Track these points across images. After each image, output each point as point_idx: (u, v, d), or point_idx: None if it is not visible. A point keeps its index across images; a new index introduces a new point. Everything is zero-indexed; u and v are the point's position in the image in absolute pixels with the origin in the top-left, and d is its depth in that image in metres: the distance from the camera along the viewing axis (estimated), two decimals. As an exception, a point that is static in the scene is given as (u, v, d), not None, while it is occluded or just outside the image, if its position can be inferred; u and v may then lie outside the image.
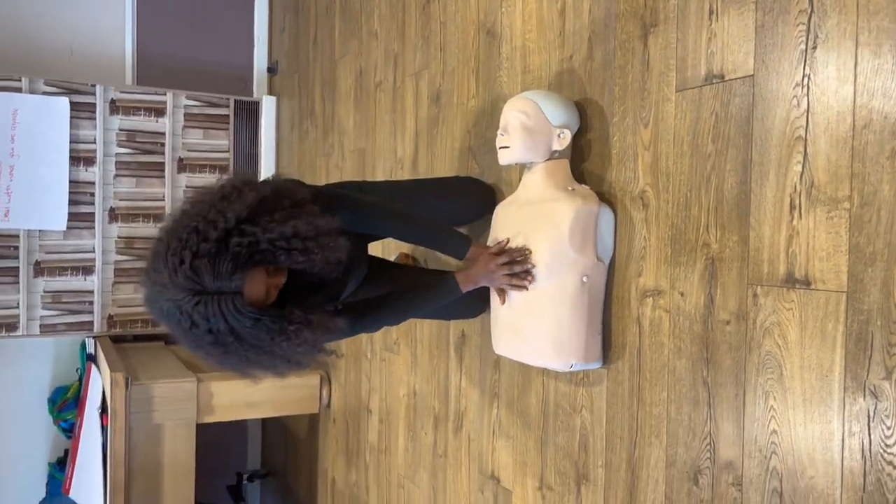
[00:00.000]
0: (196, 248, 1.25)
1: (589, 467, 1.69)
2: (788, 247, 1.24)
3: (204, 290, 1.25)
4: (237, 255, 1.26)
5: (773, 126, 1.27)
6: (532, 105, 1.66)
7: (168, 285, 1.26)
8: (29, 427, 3.75)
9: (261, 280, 1.33)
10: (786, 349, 1.25)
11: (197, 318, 1.26)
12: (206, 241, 1.25)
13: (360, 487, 2.96)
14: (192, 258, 1.24)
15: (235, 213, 1.29)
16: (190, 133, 3.86)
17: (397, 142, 2.65)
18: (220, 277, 1.25)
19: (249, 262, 1.28)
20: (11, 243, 3.51)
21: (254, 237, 1.28)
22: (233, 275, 1.26)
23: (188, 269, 1.24)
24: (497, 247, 1.70)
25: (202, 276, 1.24)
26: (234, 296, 1.27)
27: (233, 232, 1.27)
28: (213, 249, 1.25)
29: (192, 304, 1.25)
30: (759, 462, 1.29)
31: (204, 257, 1.24)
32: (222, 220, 1.27)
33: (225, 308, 1.26)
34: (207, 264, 1.24)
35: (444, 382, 2.33)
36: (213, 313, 1.25)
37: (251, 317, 1.29)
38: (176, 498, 2.95)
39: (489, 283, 1.69)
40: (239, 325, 1.28)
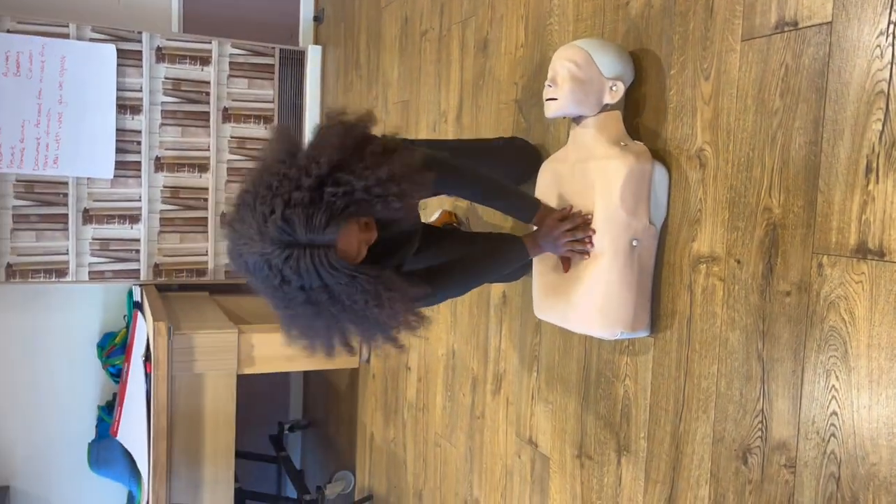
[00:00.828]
0: (288, 196, 1.15)
1: (630, 438, 1.62)
2: (861, 214, 1.13)
3: (296, 242, 1.16)
4: (331, 206, 1.16)
5: (850, 79, 1.14)
6: (583, 54, 1.54)
7: (255, 237, 1.18)
8: (79, 371, 3.84)
9: (354, 234, 1.23)
10: (852, 325, 1.14)
11: (288, 272, 1.17)
12: (298, 190, 1.16)
13: (398, 444, 2.95)
14: (283, 207, 1.15)
15: (328, 158, 1.19)
16: (235, 82, 3.81)
17: (441, 94, 2.55)
18: (313, 229, 1.15)
19: (344, 213, 1.18)
20: (61, 190, 3.54)
21: (349, 186, 1.18)
22: (327, 227, 1.16)
23: (279, 220, 1.15)
24: (562, 212, 1.61)
25: (295, 227, 1.15)
26: (327, 249, 1.17)
27: (327, 180, 1.18)
28: (306, 198, 1.15)
29: (283, 258, 1.17)
30: (816, 444, 1.20)
31: (297, 206, 1.15)
32: (315, 166, 1.18)
33: (318, 262, 1.16)
34: (301, 214, 1.15)
35: (483, 344, 2.27)
36: (306, 268, 1.16)
37: (347, 273, 1.19)
38: (217, 446, 2.99)
39: (553, 249, 1.61)
40: (333, 281, 1.18)
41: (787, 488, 1.25)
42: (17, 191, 3.46)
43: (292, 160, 1.21)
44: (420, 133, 2.72)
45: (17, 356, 3.74)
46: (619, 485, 1.66)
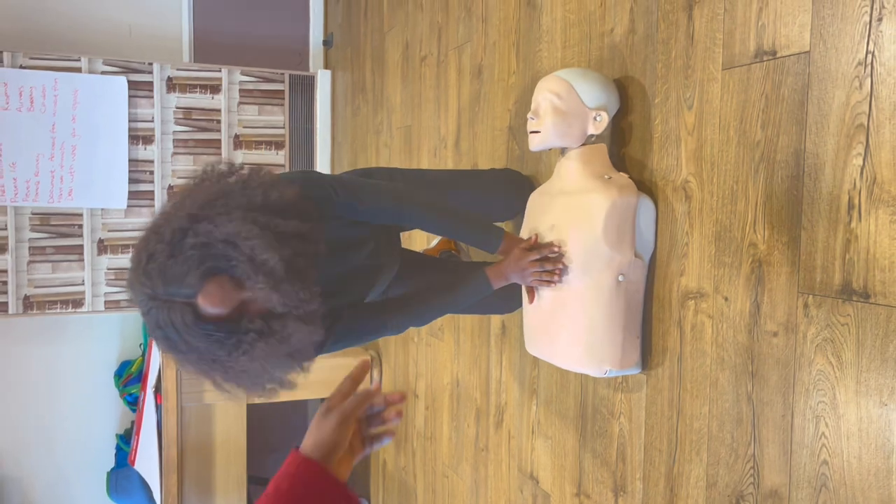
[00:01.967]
0: (152, 249, 1.13)
1: (626, 478, 1.57)
2: (845, 253, 1.07)
3: (156, 295, 1.13)
4: (189, 259, 1.11)
5: (830, 111, 1.09)
6: (565, 85, 1.50)
7: (131, 287, 1.16)
8: (97, 400, 3.87)
9: (224, 292, 1.14)
10: (840, 369, 1.08)
11: (152, 323, 1.15)
12: (160, 242, 1.13)
13: (409, 472, 2.92)
14: (146, 261, 1.13)
15: (189, 209, 1.16)
16: (245, 109, 3.84)
17: (441, 120, 2.52)
18: (170, 283, 1.11)
19: (202, 268, 1.12)
20: (76, 222, 3.59)
21: (207, 237, 1.12)
22: (183, 280, 1.11)
23: (142, 273, 1.13)
24: (528, 242, 1.56)
25: (153, 280, 1.12)
26: (184, 305, 1.12)
27: (188, 231, 1.13)
28: (166, 251, 1.12)
29: (147, 310, 1.15)
30: (808, 494, 1.14)
31: (156, 260, 1.12)
32: (177, 217, 1.15)
33: (174, 317, 1.12)
34: (159, 267, 1.12)
35: (485, 374, 2.23)
36: (164, 322, 1.13)
37: (201, 332, 1.13)
38: (228, 476, 2.98)
39: (520, 280, 1.56)
40: (191, 338, 1.14)
41: (780, 539, 1.19)
42: (33, 223, 3.52)
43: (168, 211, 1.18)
44: (422, 158, 2.70)
45: (36, 386, 3.79)
46: (616, 526, 1.60)
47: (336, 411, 0.90)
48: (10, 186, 3.42)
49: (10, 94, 3.39)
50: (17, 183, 3.44)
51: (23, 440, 3.78)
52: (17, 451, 3.78)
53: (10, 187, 3.42)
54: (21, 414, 3.77)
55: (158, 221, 1.19)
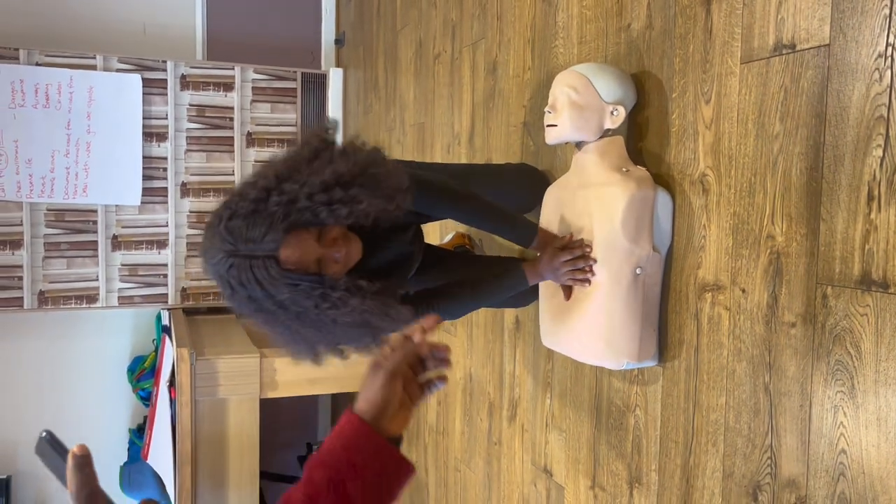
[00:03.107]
0: (234, 207, 1.18)
1: (642, 470, 1.58)
2: (864, 243, 1.08)
3: (237, 251, 1.17)
4: (272, 215, 1.17)
5: (850, 103, 1.10)
6: (582, 80, 1.52)
7: (209, 248, 1.21)
8: (111, 394, 3.91)
9: (304, 245, 1.21)
10: (859, 360, 1.09)
11: (233, 282, 1.19)
12: (244, 201, 1.18)
13: (420, 467, 2.93)
14: (227, 218, 1.18)
15: (277, 170, 1.21)
16: (258, 107, 3.86)
17: (454, 116, 2.54)
18: (252, 239, 1.16)
19: (286, 223, 1.18)
20: (90, 218, 3.62)
21: (292, 195, 1.18)
22: (265, 236, 1.16)
23: (223, 230, 1.17)
24: (562, 241, 1.58)
25: (235, 237, 1.17)
26: (266, 259, 1.17)
27: (272, 191, 1.19)
28: (249, 209, 1.17)
29: (227, 268, 1.18)
30: (826, 483, 1.15)
31: (238, 217, 1.17)
32: (264, 179, 1.20)
33: (258, 272, 1.17)
34: (241, 224, 1.17)
35: (498, 368, 2.25)
36: (247, 278, 1.17)
37: (287, 282, 1.19)
38: (241, 470, 3.00)
39: (554, 279, 1.58)
40: (275, 291, 1.19)
41: (797, 528, 1.20)
42: (48, 219, 3.55)
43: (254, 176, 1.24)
44: (435, 155, 2.72)
45: (50, 381, 3.82)
46: (631, 518, 1.61)
47: (383, 368, 0.91)
48: (25, 183, 3.46)
49: (25, 92, 3.42)
50: (32, 179, 3.47)
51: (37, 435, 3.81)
52: (31, 446, 3.81)
53: (25, 184, 3.46)
54: (35, 408, 3.80)
55: (242, 186, 1.23)
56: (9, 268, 3.48)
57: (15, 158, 3.43)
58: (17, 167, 3.44)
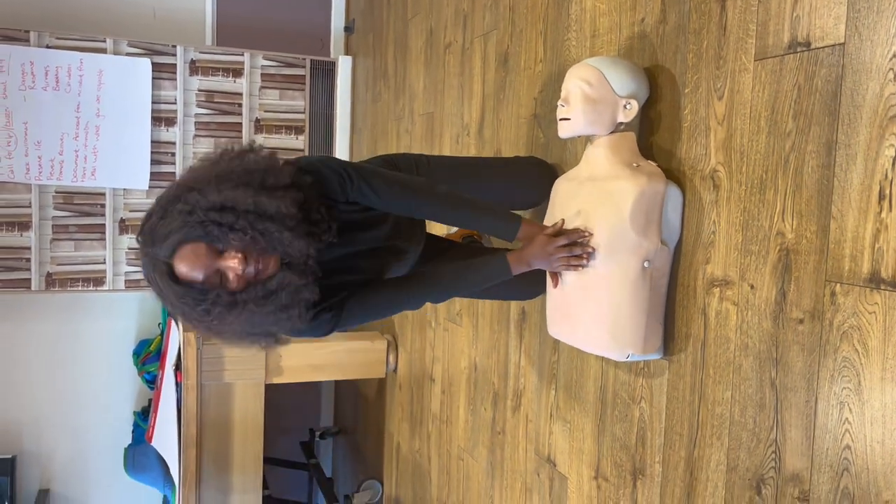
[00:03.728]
0: (153, 209, 1.29)
1: (646, 462, 1.60)
2: (874, 242, 1.09)
3: (146, 251, 1.28)
4: (172, 222, 1.24)
5: (863, 103, 1.11)
6: (596, 73, 1.52)
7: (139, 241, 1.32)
8: (116, 377, 3.93)
9: (198, 257, 1.24)
10: (865, 357, 1.11)
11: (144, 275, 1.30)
12: (158, 203, 1.28)
13: (423, 455, 2.96)
14: (146, 218, 1.28)
15: (186, 180, 1.30)
16: (266, 94, 3.87)
17: (464, 107, 2.55)
18: (154, 242, 1.25)
19: (180, 233, 1.23)
20: (98, 201, 3.63)
21: (191, 206, 1.24)
22: (164, 242, 1.24)
23: (141, 228, 1.29)
24: (553, 228, 1.58)
25: (145, 236, 1.27)
26: (163, 264, 1.25)
27: (179, 199, 1.27)
28: (160, 213, 1.27)
29: (142, 262, 1.30)
30: (830, 478, 1.16)
31: (151, 219, 1.27)
32: (175, 186, 1.29)
33: (157, 274, 1.26)
34: (150, 226, 1.26)
35: (503, 359, 2.26)
36: (150, 277, 1.28)
37: (174, 292, 1.26)
38: (245, 454, 3.03)
39: (545, 266, 1.57)
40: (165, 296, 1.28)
41: (800, 522, 1.21)
42: (57, 202, 3.56)
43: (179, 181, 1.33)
44: (444, 145, 2.73)
45: (56, 363, 3.85)
46: (634, 509, 1.63)
47: None
48: (34, 165, 3.47)
49: (36, 74, 3.43)
50: (41, 161, 3.48)
51: (42, 416, 3.84)
52: (36, 427, 3.84)
53: (34, 166, 3.47)
54: (40, 390, 3.83)
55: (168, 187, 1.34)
56: (17, 249, 3.50)
57: (24, 140, 3.44)
58: (27, 149, 3.45)
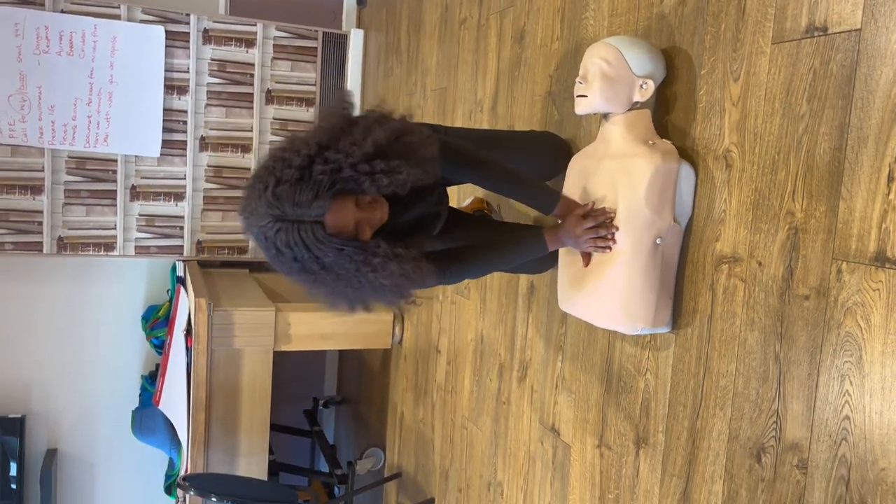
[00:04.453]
0: (280, 174, 1.26)
1: (649, 431, 1.66)
2: (882, 223, 1.14)
3: (284, 216, 1.26)
4: (319, 183, 1.25)
5: (877, 87, 1.15)
6: (614, 52, 1.56)
7: (254, 212, 1.29)
8: (124, 341, 3.99)
9: (347, 211, 1.31)
10: (868, 332, 1.16)
11: (280, 245, 1.28)
12: (289, 168, 1.26)
13: (426, 424, 3.02)
14: (274, 185, 1.25)
15: (318, 139, 1.28)
16: (278, 65, 3.89)
17: (478, 83, 2.58)
18: (300, 205, 1.25)
19: (332, 190, 1.26)
20: (110, 167, 3.67)
21: (336, 164, 1.26)
22: (313, 202, 1.25)
23: (270, 196, 1.25)
24: (584, 208, 1.63)
25: (283, 203, 1.25)
26: (314, 224, 1.26)
27: (316, 159, 1.26)
28: (295, 176, 1.25)
29: (274, 231, 1.27)
30: (828, 447, 1.22)
31: (285, 184, 1.25)
32: (305, 146, 1.27)
33: (305, 236, 1.25)
34: (288, 191, 1.25)
35: (510, 331, 2.32)
36: (295, 241, 1.26)
37: (333, 246, 1.28)
38: (253, 419, 3.10)
39: (575, 245, 1.64)
40: (321, 253, 1.28)
41: (798, 489, 1.27)
42: (69, 167, 3.60)
43: (289, 145, 1.31)
44: (456, 121, 2.76)
45: (66, 326, 3.91)
46: (636, 476, 1.69)
47: None
48: (48, 129, 3.50)
49: (50, 38, 3.45)
50: (54, 126, 3.51)
51: (51, 377, 3.91)
52: (45, 388, 3.91)
53: (48, 130, 3.50)
54: (50, 352, 3.89)
55: (282, 153, 1.31)
56: (30, 212, 3.54)
57: (38, 104, 3.46)
58: (40, 113, 3.48)
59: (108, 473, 4.05)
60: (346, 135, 1.30)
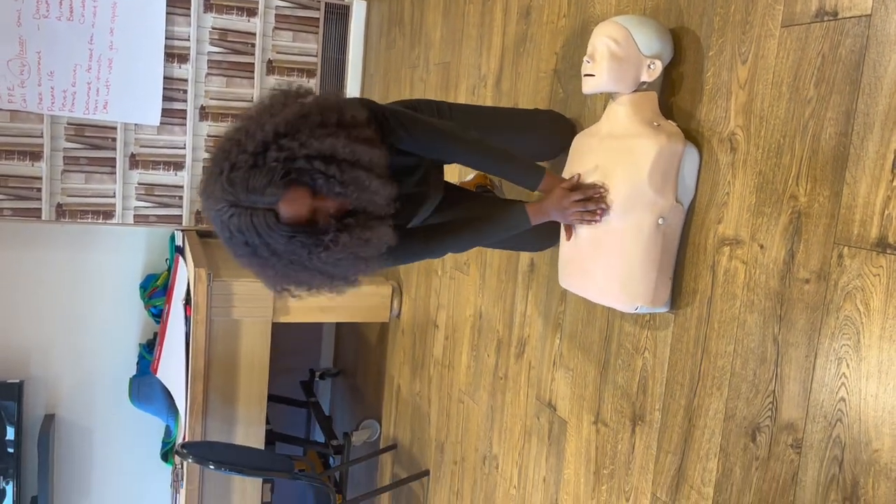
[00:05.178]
0: (234, 159, 1.25)
1: (646, 409, 1.68)
2: (885, 208, 1.15)
3: (238, 202, 1.26)
4: (272, 170, 1.24)
5: (885, 73, 1.15)
6: (623, 31, 1.56)
7: (210, 195, 1.29)
8: (122, 309, 4.00)
9: (302, 200, 1.29)
10: (867, 316, 1.17)
11: (233, 229, 1.27)
12: (243, 153, 1.26)
13: (423, 397, 3.05)
14: (229, 170, 1.25)
15: (274, 125, 1.27)
16: (280, 35, 3.86)
17: (482, 58, 2.57)
18: (253, 191, 1.24)
19: (285, 179, 1.26)
20: (109, 135, 3.65)
21: (290, 152, 1.25)
22: (265, 189, 1.24)
23: (224, 181, 1.25)
24: (571, 182, 1.64)
25: (236, 189, 1.25)
26: (266, 212, 1.25)
27: (270, 145, 1.26)
28: (249, 162, 1.25)
29: (228, 216, 1.27)
30: (823, 428, 1.24)
31: (240, 169, 1.25)
32: (261, 132, 1.27)
33: (257, 222, 1.25)
34: (242, 176, 1.24)
35: (509, 308, 2.33)
36: (246, 226, 1.25)
37: (284, 234, 1.27)
38: (251, 388, 3.12)
39: (561, 218, 1.64)
40: (272, 240, 1.27)
41: (791, 467, 1.30)
42: (68, 133, 3.58)
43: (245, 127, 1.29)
44: (459, 96, 2.75)
45: (64, 293, 3.91)
46: (631, 452, 1.72)
47: None
48: (47, 95, 3.48)
49: (50, 3, 3.41)
50: (54, 92, 3.49)
51: (49, 343, 3.93)
52: (43, 354, 3.93)
53: (47, 95, 3.48)
54: (48, 318, 3.90)
55: (236, 135, 1.30)
56: (28, 178, 3.53)
57: (38, 70, 3.44)
58: (40, 79, 3.45)
59: (105, 439, 4.09)
60: (303, 125, 1.29)
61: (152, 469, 4.14)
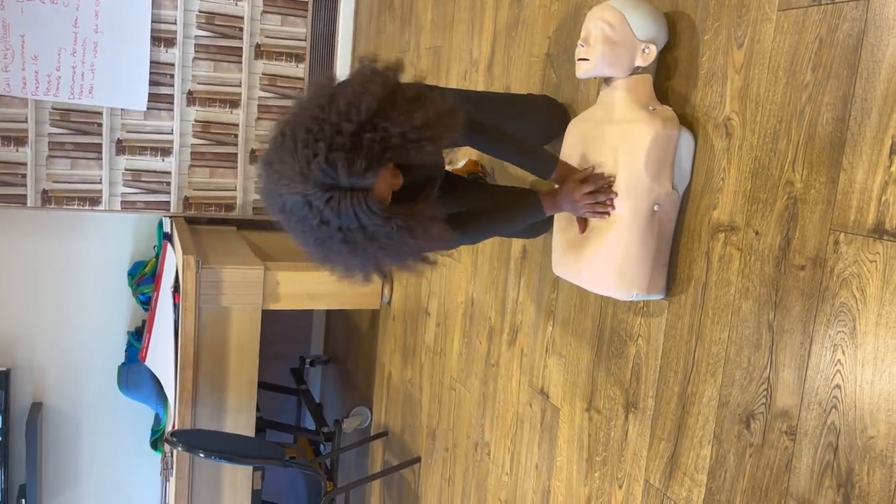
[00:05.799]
0: (331, 140, 1.20)
1: (639, 396, 1.67)
2: (882, 194, 1.14)
3: (337, 185, 1.22)
4: (371, 151, 1.22)
5: (883, 58, 1.14)
6: (618, 15, 1.54)
7: (297, 178, 1.23)
8: (110, 296, 3.97)
9: (388, 178, 1.30)
10: (863, 303, 1.17)
11: (328, 214, 1.24)
12: (340, 135, 1.21)
13: (414, 385, 3.05)
14: (327, 151, 1.20)
15: (367, 105, 1.23)
16: (268, 18, 3.80)
17: (474, 42, 2.54)
18: (354, 173, 1.21)
19: (383, 159, 1.24)
20: (95, 120, 3.60)
21: (386, 132, 1.23)
22: (366, 171, 1.22)
23: (323, 163, 1.20)
24: (583, 173, 1.62)
25: (338, 171, 1.21)
26: (365, 193, 1.24)
27: (366, 126, 1.22)
28: (348, 143, 1.21)
29: (324, 200, 1.23)
30: (818, 415, 1.24)
31: (339, 151, 1.20)
32: (356, 112, 1.22)
33: (357, 205, 1.23)
34: (343, 158, 1.20)
35: (501, 295, 2.32)
36: (346, 211, 1.23)
37: (383, 215, 1.26)
38: (240, 376, 3.10)
39: (572, 211, 1.63)
40: (370, 222, 1.25)
41: (786, 454, 1.29)
42: (53, 118, 3.53)
43: (331, 106, 1.24)
44: (451, 81, 2.72)
45: (51, 280, 3.87)
46: (625, 439, 1.72)
47: None
48: (31, 79, 3.42)
49: (33, -15, 3.34)
50: (38, 76, 3.43)
51: (36, 331, 3.88)
52: (30, 342, 3.89)
53: (31, 80, 3.42)
54: (34, 305, 3.86)
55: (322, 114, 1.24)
56: (13, 164, 3.48)
57: (21, 53, 3.38)
58: (24, 62, 3.39)
59: (93, 427, 4.06)
60: (394, 103, 1.27)
61: (141, 457, 4.12)
